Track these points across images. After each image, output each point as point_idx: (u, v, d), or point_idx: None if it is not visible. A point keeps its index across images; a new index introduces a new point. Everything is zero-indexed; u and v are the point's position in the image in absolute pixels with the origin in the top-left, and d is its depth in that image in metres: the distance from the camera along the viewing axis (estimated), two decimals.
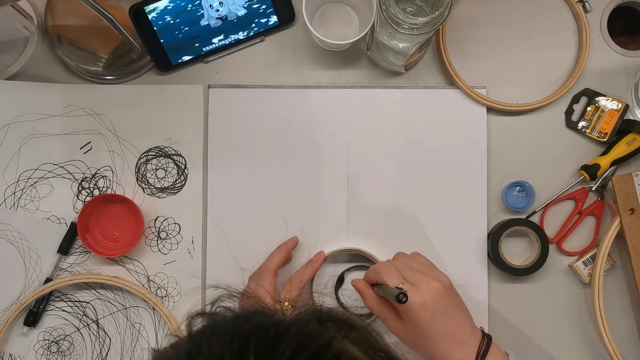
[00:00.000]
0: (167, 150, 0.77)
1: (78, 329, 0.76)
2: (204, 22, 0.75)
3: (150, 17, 0.73)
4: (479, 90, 0.77)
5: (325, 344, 0.36)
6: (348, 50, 0.78)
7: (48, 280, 0.75)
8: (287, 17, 0.77)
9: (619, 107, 0.77)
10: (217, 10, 0.74)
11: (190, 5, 0.73)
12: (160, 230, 0.77)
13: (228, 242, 0.76)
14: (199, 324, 0.40)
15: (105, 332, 0.76)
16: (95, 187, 0.77)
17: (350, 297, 0.76)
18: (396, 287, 0.59)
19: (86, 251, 0.76)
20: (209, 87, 0.77)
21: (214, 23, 0.75)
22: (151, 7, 0.72)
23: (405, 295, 0.56)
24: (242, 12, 0.75)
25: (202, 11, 0.74)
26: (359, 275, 0.76)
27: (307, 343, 0.35)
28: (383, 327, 0.64)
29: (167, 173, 0.77)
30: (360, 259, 0.76)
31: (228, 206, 0.76)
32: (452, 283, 0.62)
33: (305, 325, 0.38)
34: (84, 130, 0.77)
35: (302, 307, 0.66)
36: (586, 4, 0.77)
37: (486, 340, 0.61)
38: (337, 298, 0.76)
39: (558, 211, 0.78)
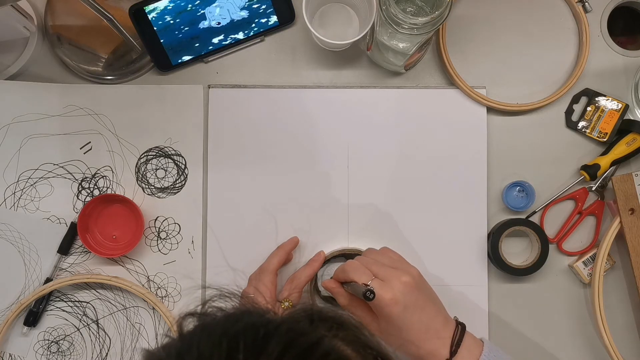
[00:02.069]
0: (167, 150, 0.77)
1: (78, 329, 0.77)
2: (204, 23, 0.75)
3: (150, 17, 0.73)
4: (479, 90, 0.77)
5: (314, 342, 0.36)
6: (348, 50, 0.78)
7: (48, 280, 0.75)
8: (287, 17, 0.77)
9: (619, 107, 0.77)
10: (219, 23, 0.74)
11: (190, 5, 0.73)
12: (160, 230, 0.77)
13: (228, 242, 0.76)
14: (190, 324, 0.40)
15: (105, 332, 0.76)
16: (95, 187, 0.77)
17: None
18: (364, 284, 0.59)
19: (86, 251, 0.76)
20: (209, 87, 0.77)
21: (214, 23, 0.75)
22: (151, 7, 0.72)
23: (372, 292, 0.56)
24: (243, 13, 0.75)
25: (202, 11, 0.74)
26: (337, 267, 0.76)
27: (296, 342, 0.35)
28: None
29: (167, 173, 0.77)
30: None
31: (228, 206, 0.76)
32: (422, 275, 0.62)
33: (295, 324, 0.38)
34: (84, 130, 0.77)
35: (295, 307, 0.66)
36: (586, 4, 0.77)
37: (460, 329, 0.61)
38: (318, 292, 0.76)
39: (558, 211, 0.78)
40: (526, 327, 0.77)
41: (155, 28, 0.74)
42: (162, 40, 0.74)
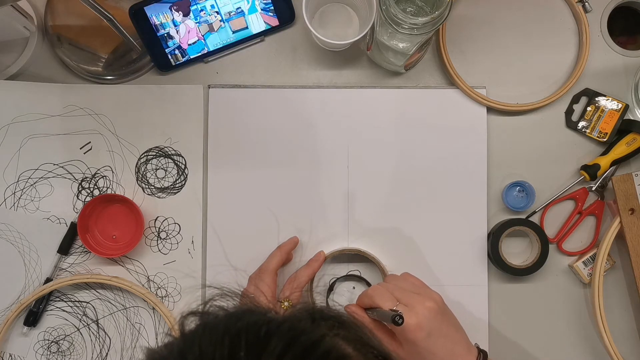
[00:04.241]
0: (167, 150, 0.77)
1: (78, 329, 0.77)
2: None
3: (150, 17, 0.73)
4: (479, 90, 0.77)
5: (316, 340, 0.36)
6: (348, 50, 0.78)
7: (48, 280, 0.75)
8: (287, 17, 0.77)
9: (619, 107, 0.77)
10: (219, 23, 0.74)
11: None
12: (160, 230, 0.77)
13: (228, 242, 0.76)
14: (191, 322, 0.40)
15: (105, 332, 0.76)
16: (95, 187, 0.77)
17: (341, 305, 0.75)
18: (391, 310, 0.59)
19: (86, 251, 0.76)
20: (209, 87, 0.77)
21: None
22: (151, 7, 0.72)
23: (402, 317, 0.56)
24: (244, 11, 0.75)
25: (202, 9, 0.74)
26: (350, 285, 0.77)
27: (298, 340, 0.35)
28: None
29: (167, 173, 0.77)
30: (359, 259, 0.76)
31: (228, 206, 0.76)
32: (444, 301, 0.63)
33: (297, 323, 0.38)
34: (84, 130, 0.77)
35: (295, 307, 0.66)
36: (586, 4, 0.77)
37: (482, 356, 0.61)
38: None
39: (558, 211, 0.78)
40: (526, 327, 0.77)
41: (155, 28, 0.74)
42: (162, 41, 0.75)
